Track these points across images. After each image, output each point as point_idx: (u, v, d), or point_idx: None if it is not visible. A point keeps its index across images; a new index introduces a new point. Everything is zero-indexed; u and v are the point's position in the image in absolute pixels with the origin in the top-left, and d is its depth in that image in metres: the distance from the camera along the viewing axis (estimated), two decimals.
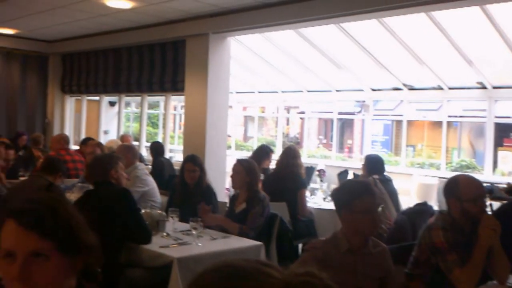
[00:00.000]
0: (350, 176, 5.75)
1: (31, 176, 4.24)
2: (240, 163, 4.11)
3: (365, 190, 2.34)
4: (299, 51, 8.17)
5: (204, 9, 6.65)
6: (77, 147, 7.81)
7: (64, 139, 6.74)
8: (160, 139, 9.60)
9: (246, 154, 10.43)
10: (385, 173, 4.80)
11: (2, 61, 9.43)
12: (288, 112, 13.01)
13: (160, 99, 11.15)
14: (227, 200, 5.50)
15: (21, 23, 8.11)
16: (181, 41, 7.51)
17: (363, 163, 5.02)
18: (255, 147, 10.57)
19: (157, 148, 7.14)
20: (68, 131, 9.74)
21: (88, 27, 8.23)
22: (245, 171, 4.02)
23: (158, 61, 8.05)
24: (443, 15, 6.08)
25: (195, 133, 7.08)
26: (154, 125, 13.83)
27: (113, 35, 8.40)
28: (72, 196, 4.26)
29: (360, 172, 5.48)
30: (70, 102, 10.21)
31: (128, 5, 6.54)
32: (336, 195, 2.45)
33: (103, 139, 9.23)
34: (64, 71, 9.99)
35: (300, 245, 4.97)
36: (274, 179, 5.08)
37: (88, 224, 1.29)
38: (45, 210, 1.20)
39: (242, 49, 8.38)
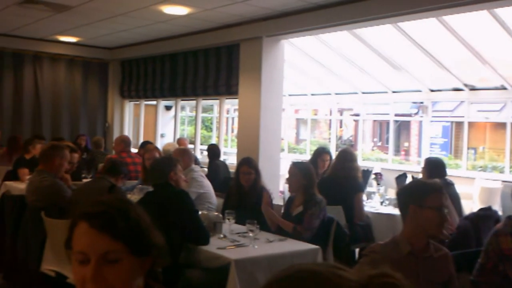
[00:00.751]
0: (408, 179, 5.58)
1: (94, 177, 4.40)
2: (295, 165, 4.09)
3: (438, 188, 2.33)
4: (353, 52, 8.05)
5: (258, 13, 6.69)
6: (135, 150, 8.03)
7: (124, 142, 6.90)
8: (213, 142, 9.74)
9: (298, 157, 10.41)
10: (446, 177, 4.63)
11: (66, 68, 9.89)
12: (341, 115, 12.86)
13: (214, 102, 11.33)
14: (281, 203, 5.50)
15: (84, 31, 8.47)
16: (235, 45, 7.59)
17: (423, 166, 4.86)
18: (307, 150, 10.55)
19: (213, 151, 7.23)
20: (127, 134, 10.05)
21: (146, 34, 8.48)
22: (300, 173, 4.00)
23: (213, 65, 8.18)
24: (506, 12, 5.81)
25: (249, 135, 7.12)
26: (207, 128, 14.07)
27: (169, 41, 8.62)
28: (133, 198, 4.39)
29: (419, 176, 5.31)
30: (128, 107, 10.56)
31: (185, 11, 6.68)
32: (406, 190, 2.41)
33: (160, 143, 9.48)
34: (123, 76, 10.35)
35: (357, 250, 4.88)
36: (329, 183, 5.02)
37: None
38: (117, 212, 1.23)
39: (294, 51, 8.36)
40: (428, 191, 2.28)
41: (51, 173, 4.33)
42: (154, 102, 10.23)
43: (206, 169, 6.92)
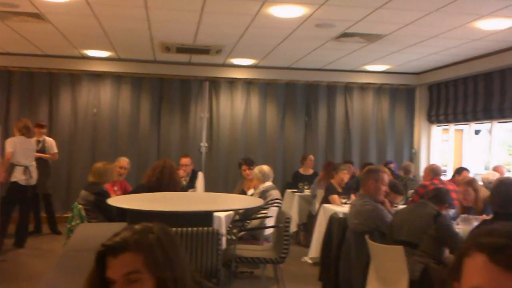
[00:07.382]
0: None
1: (416, 202, 4.29)
2: None
3: None
4: None
5: None
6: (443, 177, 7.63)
7: (433, 171, 6.73)
8: None
9: None
10: None
11: (374, 96, 10.22)
12: None
13: None
14: None
15: (392, 59, 8.59)
16: None
17: None
18: None
19: None
20: (434, 160, 9.69)
21: (457, 54, 8.04)
22: None
23: None
24: None
25: None
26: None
27: (484, 59, 7.95)
28: (457, 228, 4.07)
29: None
30: (436, 132, 10.18)
31: (508, 24, 6.02)
32: None
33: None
34: (431, 101, 10.06)
35: None
36: None
37: None
38: None
39: None
40: None
41: (371, 197, 4.42)
42: (460, 127, 9.57)
43: None
